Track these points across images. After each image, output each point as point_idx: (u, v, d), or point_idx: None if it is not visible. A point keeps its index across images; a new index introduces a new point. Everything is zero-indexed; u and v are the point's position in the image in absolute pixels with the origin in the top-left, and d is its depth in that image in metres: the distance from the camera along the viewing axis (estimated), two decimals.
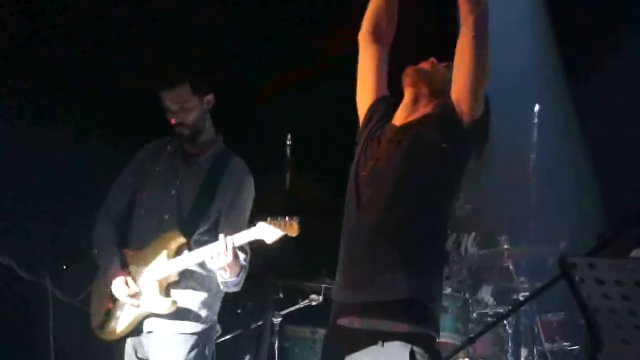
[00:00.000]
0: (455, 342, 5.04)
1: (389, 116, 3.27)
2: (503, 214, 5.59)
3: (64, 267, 5.12)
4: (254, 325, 5.31)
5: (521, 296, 5.24)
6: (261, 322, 5.28)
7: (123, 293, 3.92)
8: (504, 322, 5.21)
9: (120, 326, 3.99)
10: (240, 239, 3.74)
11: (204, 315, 3.98)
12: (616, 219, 5.22)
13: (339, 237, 3.14)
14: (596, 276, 1.98)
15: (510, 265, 5.36)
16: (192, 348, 3.91)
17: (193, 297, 3.97)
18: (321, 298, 5.14)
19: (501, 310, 5.36)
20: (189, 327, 3.94)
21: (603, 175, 5.80)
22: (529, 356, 5.26)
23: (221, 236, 3.75)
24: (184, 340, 3.92)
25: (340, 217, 3.15)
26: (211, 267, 3.89)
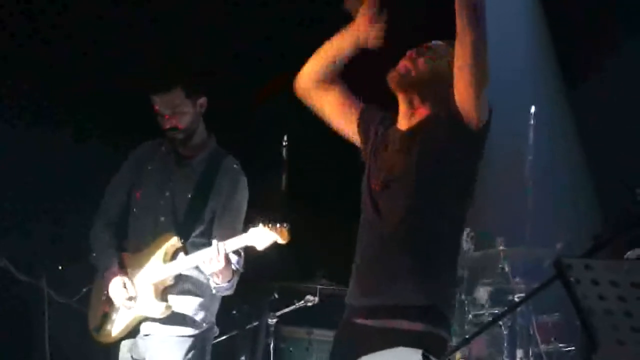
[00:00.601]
0: (450, 344, 5.03)
1: (387, 119, 3.22)
2: (499, 215, 5.59)
3: (59, 268, 5.11)
4: (250, 326, 5.30)
5: (517, 297, 5.25)
6: (257, 323, 5.27)
7: (120, 296, 3.91)
8: (500, 323, 5.21)
9: (116, 329, 3.98)
10: (232, 245, 3.74)
11: (201, 317, 3.97)
12: (612, 220, 5.23)
13: (335, 239, 3.14)
14: (592, 277, 1.99)
15: (506, 266, 5.37)
16: (190, 350, 3.91)
17: (190, 301, 3.96)
18: (317, 299, 5.13)
19: (497, 311, 5.36)
20: (186, 330, 3.93)
21: (599, 176, 5.81)
22: (525, 357, 5.26)
23: (214, 242, 3.76)
24: (182, 342, 3.91)
25: (336, 218, 3.14)
26: (204, 272, 3.89)
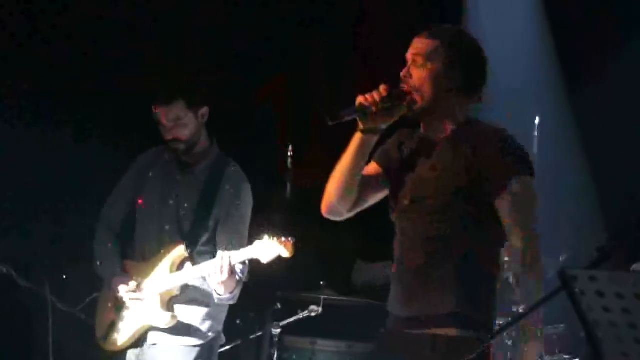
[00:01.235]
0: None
1: (404, 136, 3.19)
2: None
3: (64, 277, 5.11)
4: (253, 336, 5.29)
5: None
6: (260, 333, 5.26)
7: (126, 290, 3.91)
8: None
9: (122, 338, 3.97)
10: (236, 258, 3.73)
11: (207, 327, 3.96)
12: (616, 230, 5.21)
13: (339, 249, 3.14)
14: (597, 289, 1.98)
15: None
16: (196, 359, 3.91)
17: (196, 311, 3.95)
18: (320, 309, 5.12)
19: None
20: (192, 340, 3.93)
21: (604, 188, 5.80)
22: None
23: (219, 253, 3.75)
24: (188, 351, 3.91)
25: (340, 228, 3.13)
26: (208, 282, 3.89)
